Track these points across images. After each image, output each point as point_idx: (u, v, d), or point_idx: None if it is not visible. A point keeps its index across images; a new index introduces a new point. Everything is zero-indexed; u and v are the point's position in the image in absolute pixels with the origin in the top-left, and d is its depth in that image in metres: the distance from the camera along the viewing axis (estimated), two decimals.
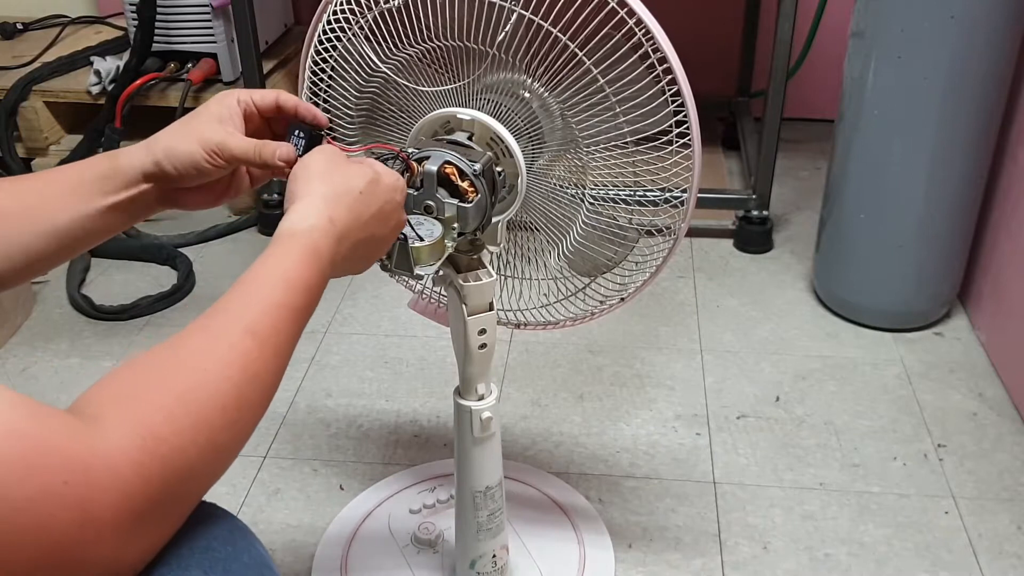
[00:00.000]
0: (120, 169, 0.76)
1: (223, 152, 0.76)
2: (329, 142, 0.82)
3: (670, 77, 0.81)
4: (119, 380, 0.56)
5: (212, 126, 0.76)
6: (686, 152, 0.85)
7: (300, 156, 0.77)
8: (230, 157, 0.76)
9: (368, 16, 0.87)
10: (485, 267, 0.93)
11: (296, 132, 0.80)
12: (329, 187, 0.72)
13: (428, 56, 0.88)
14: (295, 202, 0.71)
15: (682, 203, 0.88)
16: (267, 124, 0.82)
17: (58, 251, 0.75)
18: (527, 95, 0.87)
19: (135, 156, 0.77)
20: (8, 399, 0.49)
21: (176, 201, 0.80)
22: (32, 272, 0.76)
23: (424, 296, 1.07)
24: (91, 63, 1.99)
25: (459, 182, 0.83)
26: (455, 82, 0.88)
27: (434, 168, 0.83)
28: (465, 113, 0.87)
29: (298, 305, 0.66)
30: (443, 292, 1.01)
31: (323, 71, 0.92)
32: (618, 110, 0.83)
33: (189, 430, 0.54)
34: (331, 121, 0.96)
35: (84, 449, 0.50)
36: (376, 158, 0.82)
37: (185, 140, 0.76)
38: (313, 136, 0.80)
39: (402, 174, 0.84)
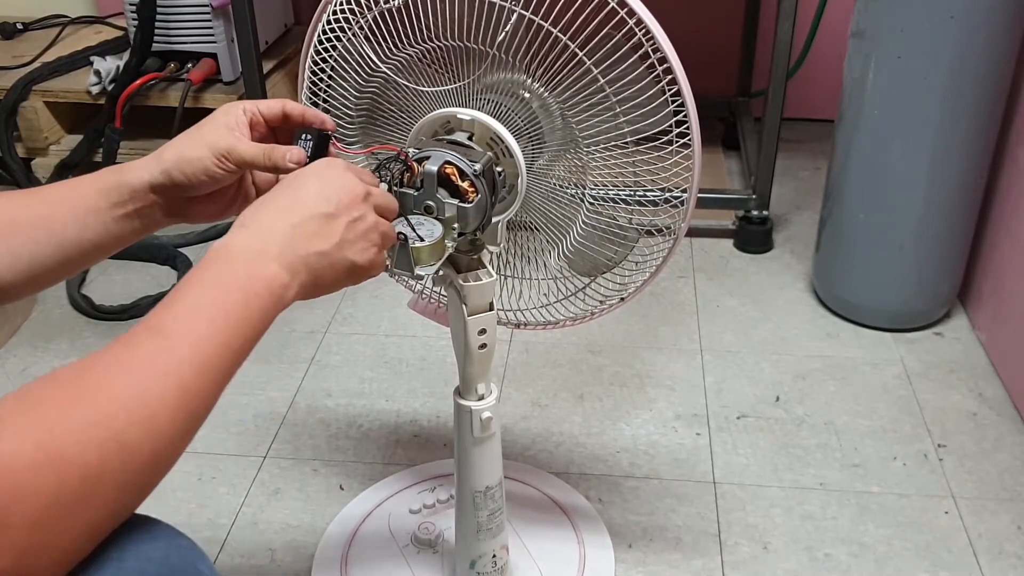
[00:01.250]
0: (128, 182, 0.76)
1: (232, 156, 0.75)
2: (334, 144, 0.82)
3: (670, 77, 0.81)
4: (30, 388, 0.54)
5: (220, 132, 0.76)
6: (686, 152, 0.85)
7: (309, 157, 0.77)
8: (239, 161, 0.76)
9: (368, 16, 0.87)
10: (485, 267, 0.93)
11: (304, 136, 0.80)
12: (261, 205, 0.70)
13: (428, 56, 0.88)
14: (251, 215, 0.69)
15: (682, 203, 0.88)
16: (272, 134, 0.82)
17: (65, 263, 0.75)
18: (527, 95, 0.87)
19: (143, 168, 0.77)
20: None
21: (184, 213, 0.80)
22: (38, 284, 0.76)
23: (424, 296, 1.07)
24: (91, 63, 1.99)
25: (459, 182, 0.83)
26: (455, 82, 0.88)
27: (434, 168, 0.83)
28: (465, 113, 0.87)
29: (235, 346, 0.62)
30: (443, 292, 1.01)
31: (323, 71, 0.92)
32: (618, 110, 0.83)
33: (92, 432, 0.52)
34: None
35: None
36: (377, 160, 0.82)
37: (194, 147, 0.76)
38: (322, 136, 0.80)
39: (402, 175, 0.84)
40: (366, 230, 0.72)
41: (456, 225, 0.84)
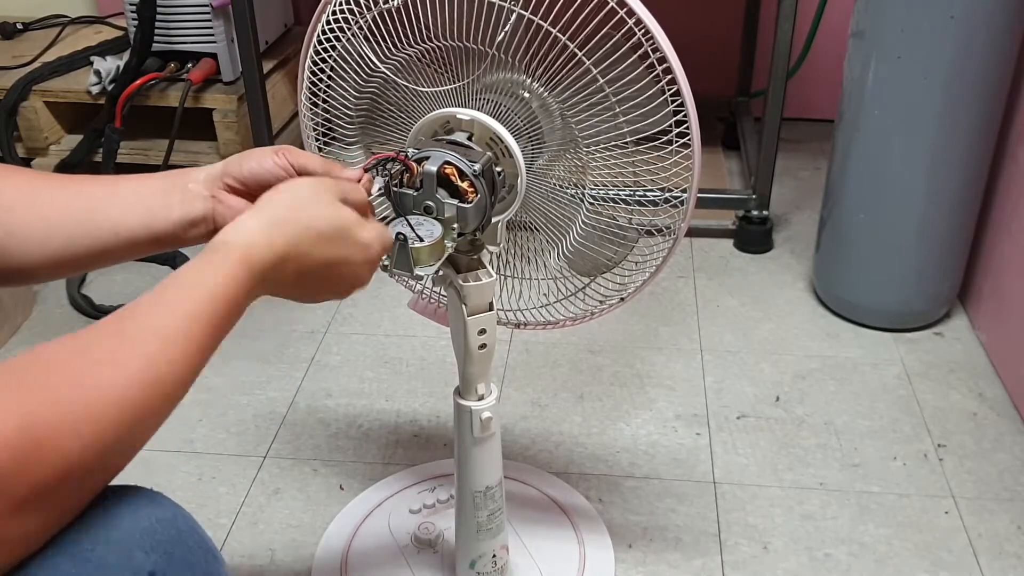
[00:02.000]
0: (185, 172, 0.77)
1: (291, 153, 0.77)
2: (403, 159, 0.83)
3: (670, 77, 0.81)
4: (15, 363, 0.55)
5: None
6: (686, 152, 0.85)
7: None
8: (297, 160, 0.77)
9: (368, 16, 0.87)
10: (485, 267, 0.93)
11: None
12: (283, 212, 0.70)
13: (428, 56, 0.88)
14: (246, 214, 0.69)
15: (682, 203, 0.88)
16: None
17: (96, 252, 0.76)
18: (527, 95, 0.87)
19: (202, 169, 0.78)
20: None
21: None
22: (65, 269, 0.76)
23: (424, 296, 1.07)
24: (91, 63, 1.99)
25: (459, 182, 0.83)
26: (455, 82, 0.88)
27: (434, 168, 0.83)
28: (465, 113, 0.87)
29: (218, 318, 0.63)
30: (443, 292, 1.01)
31: (323, 71, 0.92)
32: (618, 110, 0.83)
33: (73, 420, 0.53)
34: (330, 121, 0.96)
35: None
36: (375, 161, 0.82)
37: (255, 154, 0.78)
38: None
39: (401, 175, 0.84)
40: (364, 253, 0.74)
41: (456, 225, 0.84)
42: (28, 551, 0.53)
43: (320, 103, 0.94)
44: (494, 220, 0.91)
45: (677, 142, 0.84)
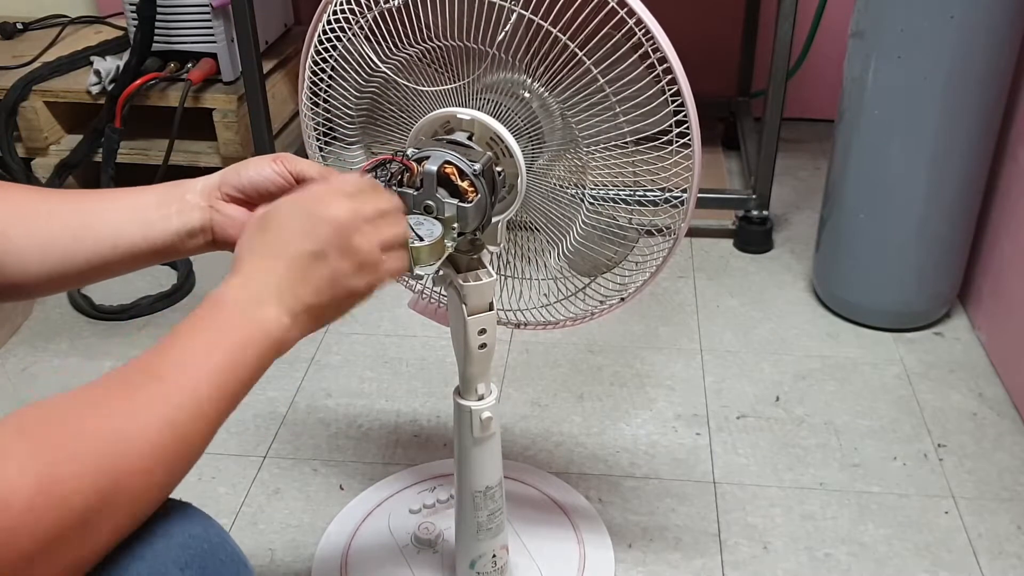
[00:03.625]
0: (183, 184, 0.77)
1: (288, 161, 0.76)
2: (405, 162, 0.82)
3: (670, 77, 0.81)
4: (32, 414, 0.54)
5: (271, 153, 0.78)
6: (686, 152, 0.85)
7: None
8: (295, 168, 0.76)
9: (368, 16, 0.87)
10: (485, 267, 0.93)
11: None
12: (256, 243, 0.68)
13: (428, 56, 0.88)
14: (240, 263, 0.67)
15: (682, 203, 0.88)
16: None
17: (96, 265, 0.75)
18: (527, 95, 0.87)
19: (199, 180, 0.77)
20: None
21: (234, 237, 0.77)
22: (66, 284, 0.76)
23: (424, 296, 1.07)
24: (91, 63, 1.99)
25: (459, 182, 0.83)
26: (455, 82, 0.88)
27: (434, 168, 0.83)
28: (465, 113, 0.87)
29: (230, 392, 0.62)
30: (443, 292, 1.01)
31: (323, 71, 0.92)
32: (618, 110, 0.83)
33: (91, 475, 0.52)
34: (331, 121, 0.96)
35: None
36: (374, 162, 0.82)
37: (254, 162, 0.77)
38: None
39: (401, 175, 0.84)
40: (362, 257, 0.70)
41: (456, 225, 0.84)
42: None
43: (321, 103, 0.94)
44: (494, 220, 0.91)
45: (677, 142, 0.84)
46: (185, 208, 0.76)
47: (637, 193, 0.89)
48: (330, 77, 0.92)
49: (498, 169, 0.87)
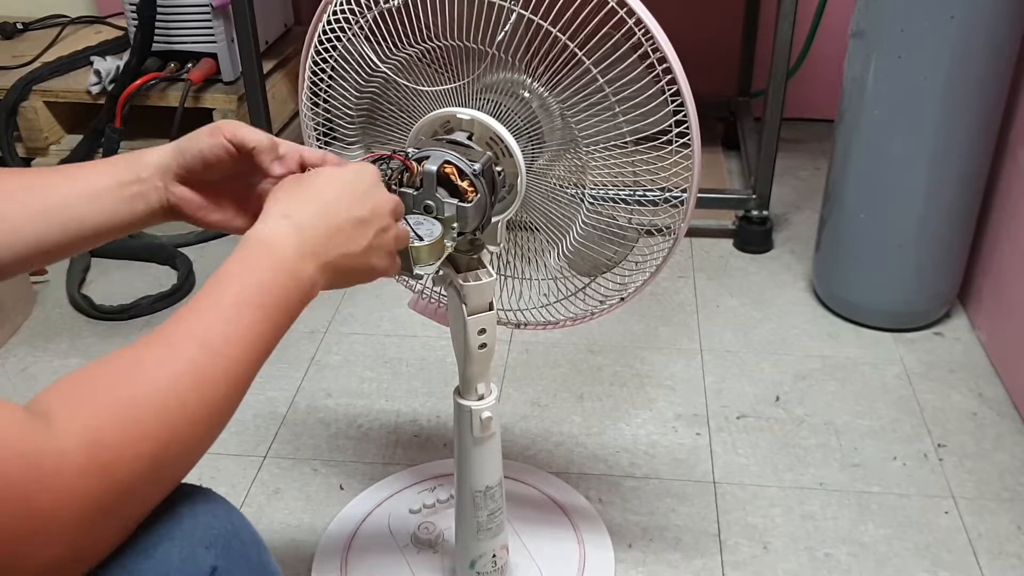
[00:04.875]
0: (137, 158, 0.77)
1: (236, 137, 0.76)
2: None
3: (670, 77, 0.81)
4: (74, 382, 0.56)
5: (226, 121, 0.77)
6: (686, 152, 0.85)
7: None
8: (241, 142, 0.76)
9: (368, 16, 0.87)
10: (485, 267, 0.93)
11: None
12: (292, 192, 0.71)
13: (428, 56, 0.88)
14: (267, 209, 0.70)
15: (682, 203, 0.88)
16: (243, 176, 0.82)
17: (64, 243, 0.75)
18: (527, 95, 0.87)
19: (155, 150, 0.78)
20: None
21: (189, 215, 0.80)
22: (32, 262, 0.76)
23: (424, 296, 1.07)
24: (91, 63, 1.99)
25: (459, 182, 0.83)
26: (455, 82, 0.88)
27: (434, 168, 0.83)
28: (465, 113, 0.87)
29: (255, 305, 0.64)
30: (443, 292, 1.01)
31: (323, 71, 0.92)
32: (618, 110, 0.83)
33: (135, 440, 0.54)
34: (331, 121, 0.96)
35: (34, 447, 0.50)
36: (373, 160, 0.82)
37: (202, 131, 0.77)
38: None
39: (401, 175, 0.84)
40: (390, 240, 0.75)
41: (455, 225, 0.84)
42: (97, 560, 0.55)
43: (321, 103, 0.94)
44: (494, 220, 0.91)
45: (677, 142, 0.84)
46: (145, 190, 0.77)
47: (637, 193, 0.89)
48: (330, 77, 0.92)
49: (498, 169, 0.87)
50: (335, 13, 0.88)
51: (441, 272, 0.93)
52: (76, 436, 0.52)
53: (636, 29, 0.80)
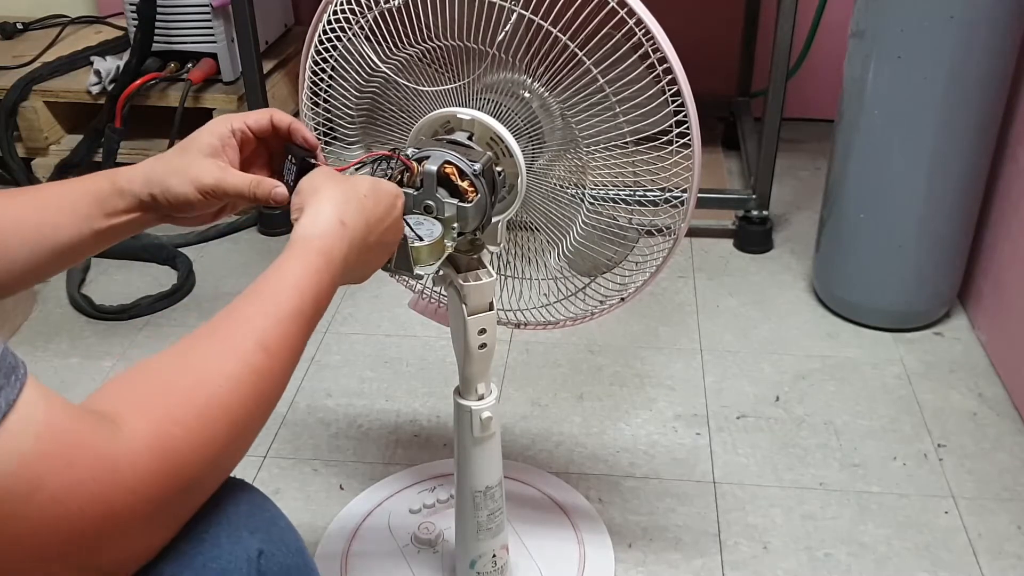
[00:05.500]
0: (120, 191, 0.78)
1: (218, 191, 0.77)
2: (324, 162, 0.82)
3: (670, 77, 0.81)
4: (135, 383, 0.58)
5: (205, 166, 0.77)
6: (686, 152, 0.85)
7: (291, 184, 0.78)
8: (225, 195, 0.77)
9: (368, 16, 0.87)
10: (485, 267, 0.93)
11: (289, 158, 0.81)
12: (337, 192, 0.73)
13: (428, 56, 0.88)
14: (305, 210, 0.72)
15: (682, 203, 0.88)
16: (263, 144, 0.83)
17: (56, 262, 0.77)
18: (527, 95, 0.87)
19: (135, 182, 0.78)
20: (43, 394, 0.52)
21: (175, 220, 0.81)
22: (27, 283, 0.78)
23: (424, 296, 1.07)
24: (91, 63, 1.99)
25: (459, 182, 0.83)
26: (455, 82, 0.88)
27: (434, 168, 0.83)
28: (465, 113, 0.87)
29: (308, 313, 0.67)
30: (443, 292, 1.01)
31: (323, 71, 0.92)
32: (618, 110, 0.83)
33: (198, 440, 0.56)
34: (331, 121, 0.96)
35: (111, 450, 0.52)
36: (374, 159, 0.82)
37: (181, 182, 0.77)
38: (304, 165, 0.80)
39: (401, 175, 0.84)
40: (394, 238, 0.78)
41: (456, 225, 0.84)
42: (158, 550, 0.58)
43: (321, 103, 0.94)
44: (494, 220, 0.91)
45: (677, 142, 0.84)
46: (133, 221, 0.79)
47: (637, 193, 0.89)
48: (330, 77, 0.92)
49: (498, 169, 0.87)
50: (335, 13, 0.88)
51: (441, 272, 0.93)
52: (146, 439, 0.54)
53: (636, 29, 0.80)
